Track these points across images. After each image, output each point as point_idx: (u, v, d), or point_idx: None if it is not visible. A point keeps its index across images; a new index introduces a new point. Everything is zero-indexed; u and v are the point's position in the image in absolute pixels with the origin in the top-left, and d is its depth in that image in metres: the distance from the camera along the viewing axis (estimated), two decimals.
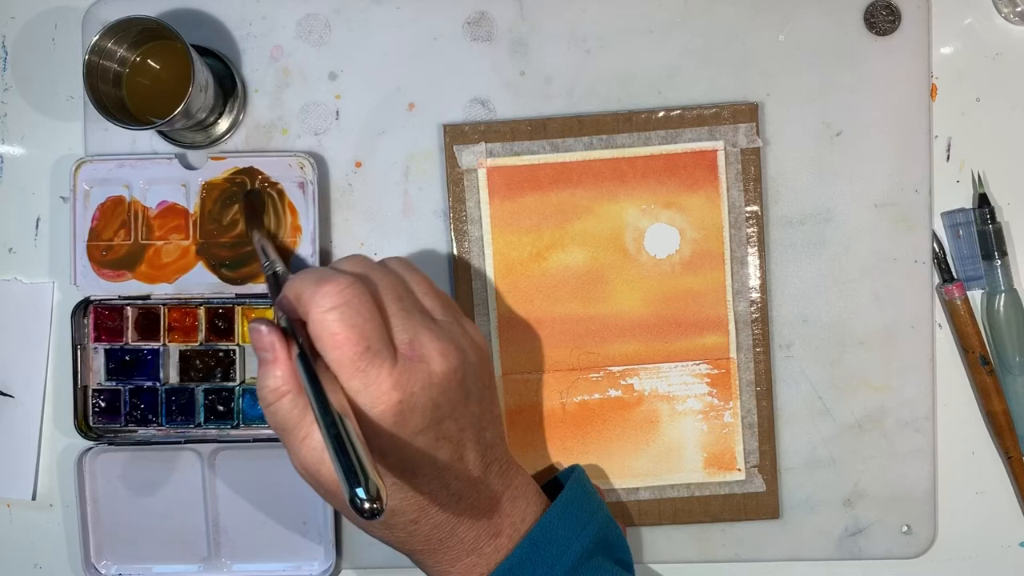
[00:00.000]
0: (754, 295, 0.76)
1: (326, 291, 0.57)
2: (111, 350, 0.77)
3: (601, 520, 0.67)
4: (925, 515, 0.77)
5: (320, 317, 0.56)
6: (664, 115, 0.75)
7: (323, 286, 0.57)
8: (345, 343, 0.56)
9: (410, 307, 0.61)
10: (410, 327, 0.59)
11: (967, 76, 0.78)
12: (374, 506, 0.49)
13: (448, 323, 0.62)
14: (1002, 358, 0.77)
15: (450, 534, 0.61)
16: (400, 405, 0.56)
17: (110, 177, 0.76)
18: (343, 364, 0.56)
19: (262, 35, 0.78)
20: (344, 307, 0.56)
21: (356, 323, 0.56)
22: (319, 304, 0.57)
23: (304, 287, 0.58)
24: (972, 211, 0.77)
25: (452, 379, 0.59)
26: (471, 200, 0.76)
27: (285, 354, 0.58)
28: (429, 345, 0.59)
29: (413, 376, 0.57)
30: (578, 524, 0.65)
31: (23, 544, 0.80)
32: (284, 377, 0.58)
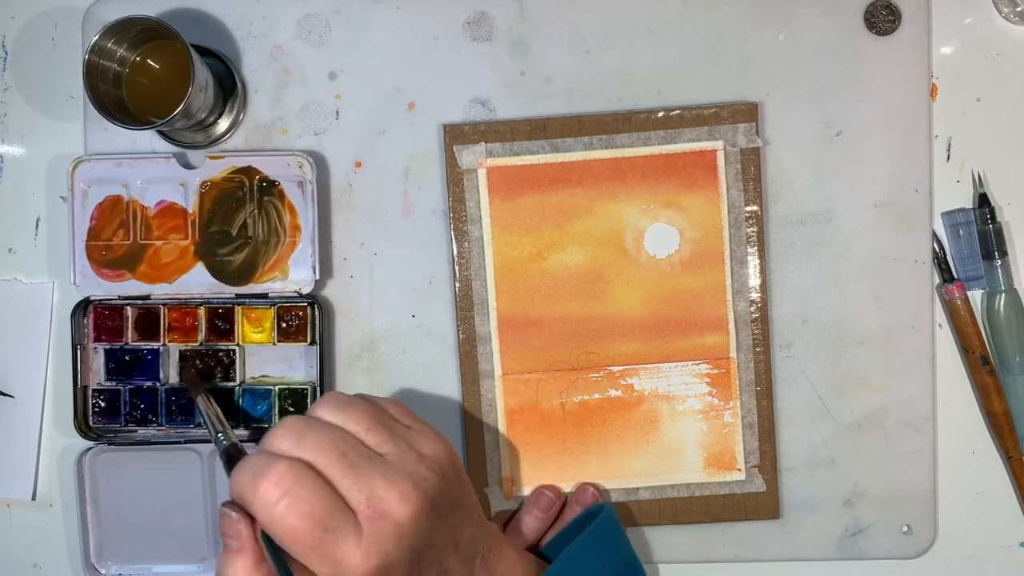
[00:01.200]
0: (754, 295, 0.76)
1: (264, 488, 0.54)
2: (111, 350, 0.77)
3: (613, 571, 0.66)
4: (925, 515, 0.77)
5: (268, 517, 0.54)
6: (664, 115, 0.75)
7: (260, 484, 0.54)
8: (301, 534, 0.53)
9: (356, 460, 0.57)
10: (361, 484, 0.56)
11: (967, 76, 0.78)
12: None
13: (399, 454, 0.59)
14: (1002, 358, 0.77)
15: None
16: (379, 570, 0.54)
17: (108, 176, 0.76)
18: (306, 554, 0.54)
19: (262, 35, 0.78)
20: (288, 497, 0.53)
21: (305, 510, 0.53)
22: (263, 503, 0.54)
23: (243, 488, 0.55)
24: (972, 211, 0.77)
25: (420, 517, 0.56)
26: (471, 200, 0.76)
27: (252, 543, 0.56)
28: (387, 495, 0.56)
29: (381, 536, 0.55)
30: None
31: (23, 544, 0.80)
32: (248, 568, 0.56)
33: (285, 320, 0.76)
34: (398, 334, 0.77)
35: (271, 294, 0.76)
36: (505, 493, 0.76)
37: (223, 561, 0.57)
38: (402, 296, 0.77)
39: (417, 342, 0.77)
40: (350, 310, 0.78)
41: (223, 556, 0.57)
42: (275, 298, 0.76)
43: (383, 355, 0.78)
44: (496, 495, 0.76)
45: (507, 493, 0.76)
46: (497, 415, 0.76)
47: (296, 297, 0.76)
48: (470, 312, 0.76)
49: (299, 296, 0.75)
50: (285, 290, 0.75)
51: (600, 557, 0.67)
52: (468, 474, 0.76)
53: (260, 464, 0.55)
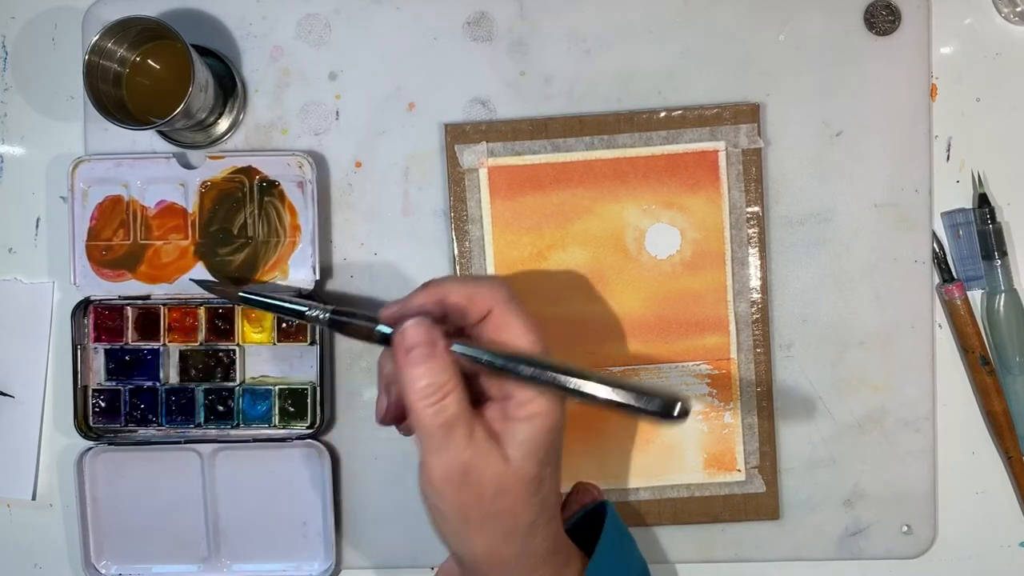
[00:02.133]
0: (755, 296, 0.76)
1: (501, 284, 0.60)
2: (111, 350, 0.77)
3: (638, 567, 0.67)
4: (925, 515, 0.77)
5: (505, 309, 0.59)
6: (665, 115, 0.75)
7: (493, 281, 0.60)
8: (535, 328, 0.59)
9: None
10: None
11: (967, 76, 0.78)
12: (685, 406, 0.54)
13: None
14: (1002, 358, 0.77)
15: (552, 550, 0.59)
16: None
17: (108, 176, 0.76)
18: (535, 344, 0.58)
19: (262, 35, 0.77)
20: (517, 299, 0.60)
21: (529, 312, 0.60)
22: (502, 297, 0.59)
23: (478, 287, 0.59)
24: (972, 211, 0.77)
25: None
26: (472, 199, 0.76)
27: (444, 348, 0.56)
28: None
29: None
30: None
31: (23, 544, 0.80)
32: (450, 372, 0.55)
33: (285, 320, 0.76)
34: None
35: None
36: None
37: (413, 376, 0.55)
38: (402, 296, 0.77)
39: None
40: None
41: (410, 371, 0.56)
42: None
43: None
44: None
45: None
46: None
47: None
48: None
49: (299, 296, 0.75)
50: None
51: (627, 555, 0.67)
52: None
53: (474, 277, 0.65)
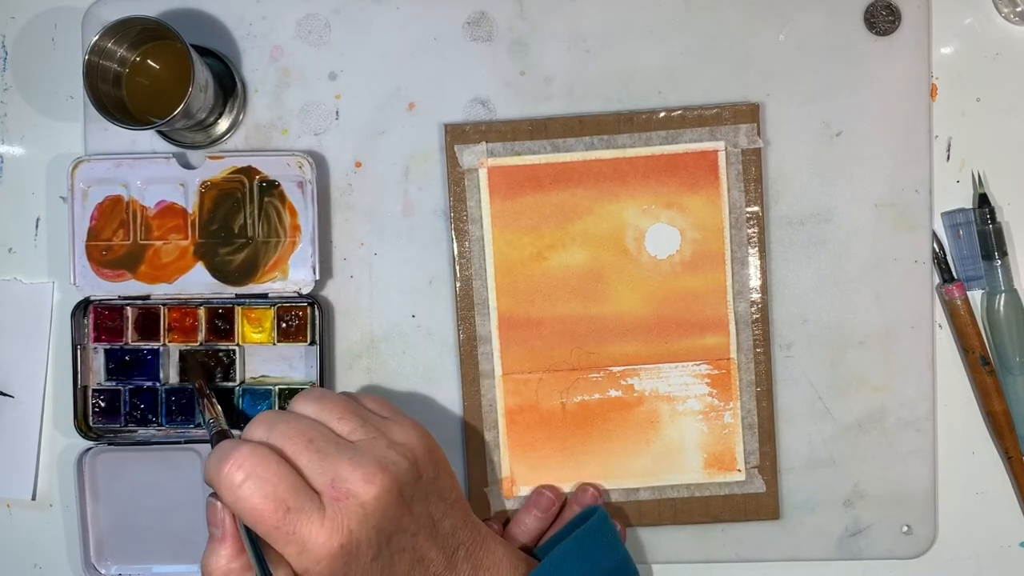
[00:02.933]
0: (754, 296, 0.76)
1: (228, 470, 0.56)
2: (111, 350, 0.77)
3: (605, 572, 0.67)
4: (925, 515, 0.77)
5: (233, 498, 0.56)
6: (665, 115, 0.75)
7: (224, 466, 0.56)
8: (264, 514, 0.55)
9: (323, 445, 0.59)
10: (327, 467, 0.57)
11: (967, 76, 0.78)
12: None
13: (369, 440, 0.60)
14: (1002, 358, 0.77)
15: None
16: (343, 548, 0.56)
17: (108, 176, 0.76)
18: (271, 534, 0.55)
19: (262, 35, 0.77)
20: (251, 479, 0.56)
21: (267, 491, 0.55)
22: (228, 485, 0.56)
23: (210, 472, 0.57)
24: (972, 211, 0.77)
25: (386, 499, 0.58)
26: (472, 199, 0.76)
27: (233, 531, 0.58)
28: (351, 477, 0.57)
29: (345, 515, 0.56)
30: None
31: (23, 544, 0.80)
32: (229, 557, 0.58)
33: (285, 320, 0.76)
34: (398, 334, 0.77)
35: (271, 294, 0.76)
36: (505, 493, 0.76)
37: (207, 550, 0.59)
38: (402, 296, 0.77)
39: (417, 342, 0.77)
40: (350, 310, 0.78)
41: (208, 545, 0.59)
42: (275, 298, 0.76)
43: (383, 355, 0.78)
44: (496, 495, 0.76)
45: (507, 493, 0.76)
46: (497, 415, 0.76)
47: (296, 297, 0.76)
48: (470, 312, 0.76)
49: (299, 296, 0.75)
50: (285, 290, 0.75)
51: (590, 558, 0.67)
52: (468, 474, 0.76)
53: (227, 448, 0.57)
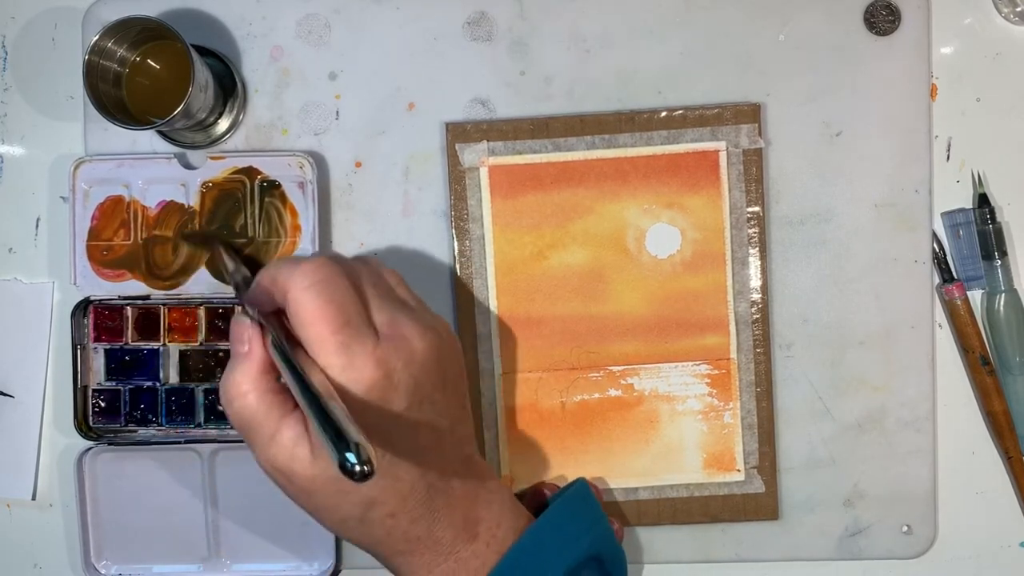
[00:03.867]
0: (755, 296, 0.76)
1: (303, 270, 0.56)
2: (111, 350, 0.77)
3: (597, 535, 0.67)
4: (925, 515, 0.77)
5: (298, 295, 0.56)
6: (666, 115, 0.75)
7: (299, 265, 0.57)
8: (326, 318, 0.55)
9: (386, 291, 0.61)
10: (387, 308, 0.59)
11: (967, 76, 0.78)
12: (364, 468, 0.48)
13: (422, 309, 0.63)
14: (1002, 358, 0.77)
15: (428, 532, 0.60)
16: (384, 381, 0.56)
17: (109, 177, 0.76)
18: (324, 340, 0.55)
19: (262, 35, 0.77)
20: (323, 283, 0.56)
21: (334, 298, 0.56)
22: (297, 283, 0.56)
23: (280, 269, 0.57)
24: (972, 211, 0.77)
25: (431, 359, 0.59)
26: (472, 199, 0.76)
27: (260, 348, 0.58)
28: (408, 325, 0.58)
29: (395, 353, 0.57)
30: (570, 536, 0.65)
31: (23, 544, 0.80)
32: (254, 374, 0.57)
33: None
34: None
35: None
36: None
37: (229, 368, 0.58)
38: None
39: None
40: None
41: (230, 363, 0.59)
42: None
43: None
44: None
45: None
46: (497, 414, 0.76)
47: None
48: (470, 311, 0.76)
49: None
50: None
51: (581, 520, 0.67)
52: None
53: (299, 257, 0.58)
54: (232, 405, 0.58)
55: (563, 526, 0.65)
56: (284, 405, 0.58)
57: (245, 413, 0.57)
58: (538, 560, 0.63)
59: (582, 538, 0.65)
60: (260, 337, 0.58)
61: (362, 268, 0.61)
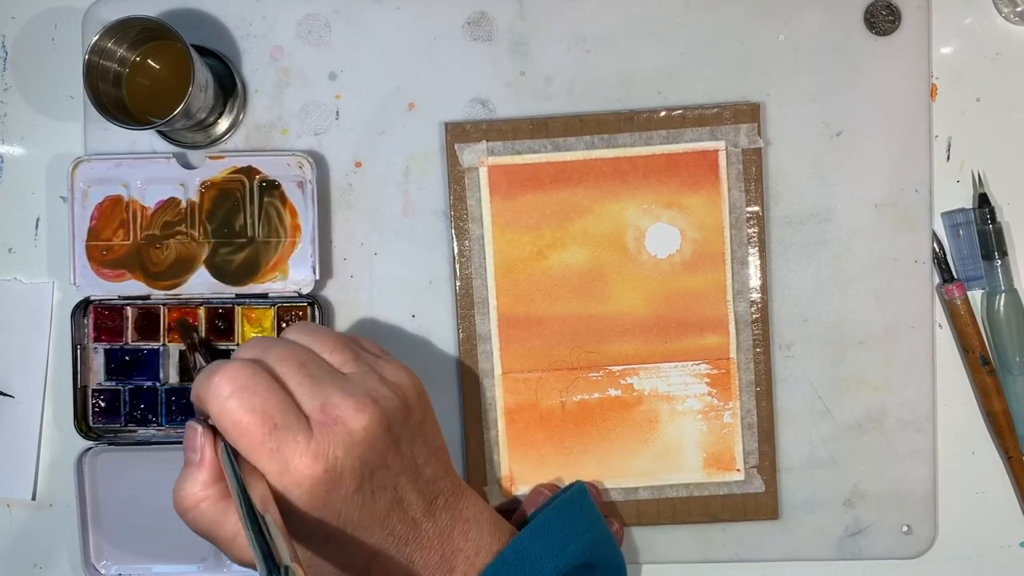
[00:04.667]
0: (754, 295, 0.76)
1: (217, 383, 0.55)
2: (111, 350, 0.77)
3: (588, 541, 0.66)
4: (925, 515, 0.77)
5: (219, 409, 0.55)
6: (666, 115, 0.75)
7: (214, 377, 0.55)
8: (250, 428, 0.54)
9: (315, 371, 0.58)
10: (318, 392, 0.57)
11: (967, 76, 0.78)
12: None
13: (361, 374, 0.60)
14: (1002, 358, 0.77)
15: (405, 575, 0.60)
16: (327, 474, 0.54)
17: (108, 176, 0.76)
18: (255, 450, 0.54)
19: (262, 35, 0.78)
20: (241, 391, 0.55)
21: (255, 405, 0.54)
22: (214, 397, 0.55)
23: (199, 384, 0.56)
24: (972, 211, 0.77)
25: (375, 430, 0.57)
26: (472, 198, 0.76)
27: (212, 456, 0.57)
28: (342, 404, 0.56)
29: (332, 440, 0.55)
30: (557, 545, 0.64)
31: (23, 544, 0.80)
32: (205, 483, 0.56)
33: (285, 320, 0.76)
34: (398, 334, 0.77)
35: (271, 294, 0.76)
36: (504, 492, 0.76)
37: (182, 476, 0.58)
38: (402, 296, 0.77)
39: (417, 342, 0.77)
40: (350, 310, 0.78)
41: (183, 471, 0.58)
42: (275, 298, 0.76)
43: None
44: (495, 494, 0.76)
45: (506, 492, 0.76)
46: (497, 414, 0.76)
47: (296, 297, 0.76)
48: (470, 311, 0.76)
49: (299, 296, 0.75)
50: (285, 290, 0.75)
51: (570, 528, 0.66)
52: (467, 473, 0.76)
53: (217, 364, 0.56)
54: (188, 515, 0.57)
55: (550, 535, 0.65)
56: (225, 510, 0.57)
57: (202, 522, 0.57)
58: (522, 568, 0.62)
59: (570, 546, 0.65)
60: (212, 444, 0.57)
61: (287, 350, 0.59)
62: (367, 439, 0.56)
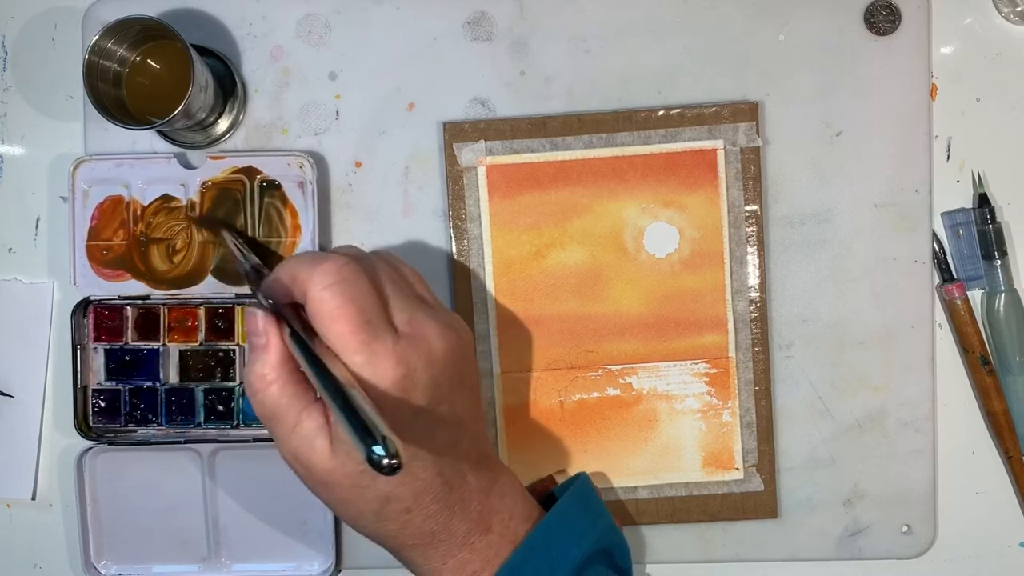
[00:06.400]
0: (753, 294, 0.76)
1: (324, 269, 0.56)
2: (111, 350, 0.77)
3: (603, 528, 0.67)
4: (925, 515, 0.77)
5: (319, 294, 0.56)
6: (664, 114, 0.75)
7: (320, 264, 0.57)
8: (346, 316, 0.56)
9: (405, 289, 0.61)
10: (407, 306, 0.59)
11: (967, 76, 0.78)
12: (393, 462, 0.48)
13: (440, 307, 0.63)
14: (1002, 358, 0.77)
15: (443, 526, 0.61)
16: (403, 380, 0.56)
17: (108, 177, 0.76)
18: (345, 338, 0.56)
19: (262, 35, 0.78)
20: (343, 283, 0.56)
21: (355, 298, 0.56)
22: (317, 281, 0.56)
23: (300, 267, 0.58)
24: (972, 211, 0.77)
25: (450, 358, 0.59)
26: (470, 198, 0.76)
27: (278, 340, 0.58)
28: (427, 324, 0.59)
29: (415, 352, 0.57)
30: (579, 531, 0.65)
31: (23, 544, 0.80)
32: (275, 364, 0.58)
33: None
34: None
35: None
36: None
37: (250, 360, 0.59)
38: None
39: None
40: None
41: (250, 355, 0.59)
42: None
43: None
44: None
45: None
46: (496, 413, 0.76)
47: None
48: (469, 310, 0.76)
49: None
50: None
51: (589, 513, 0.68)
52: None
53: (320, 254, 0.58)
54: (256, 396, 0.58)
55: (573, 519, 0.66)
56: (306, 395, 0.58)
57: (268, 403, 0.58)
58: (549, 553, 0.63)
59: (590, 531, 0.66)
60: (276, 328, 0.58)
61: (382, 265, 0.61)
62: (444, 361, 0.58)
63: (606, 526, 0.68)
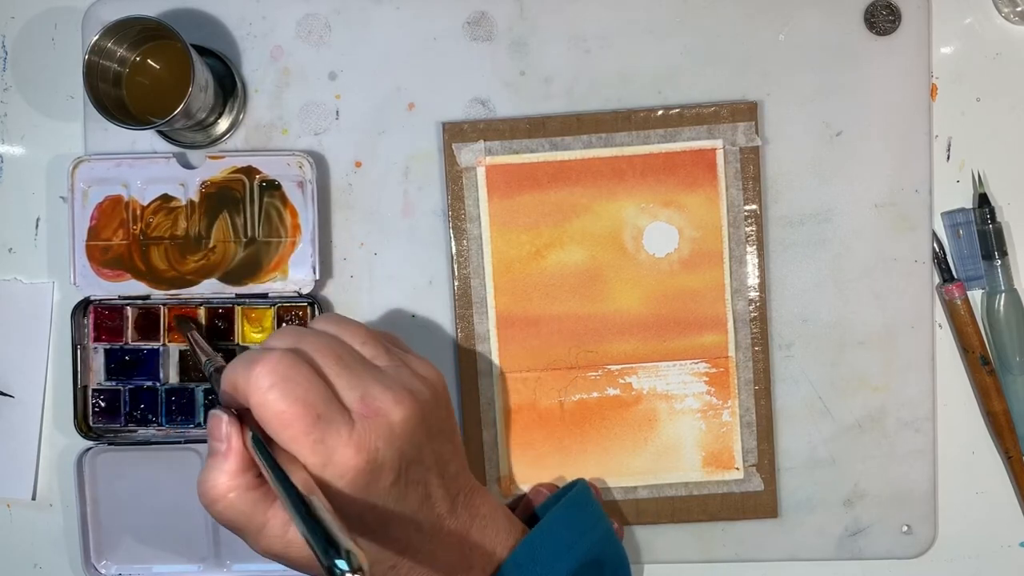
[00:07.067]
0: (752, 294, 0.76)
1: (259, 372, 0.54)
2: (111, 350, 0.77)
3: (594, 539, 0.67)
4: (925, 515, 0.77)
5: (261, 400, 0.53)
6: (663, 114, 0.75)
7: (254, 367, 0.54)
8: (293, 419, 0.53)
9: (351, 363, 0.57)
10: (356, 383, 0.56)
11: (967, 76, 0.78)
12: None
13: (394, 367, 0.59)
14: (1002, 358, 0.76)
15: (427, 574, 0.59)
16: (368, 465, 0.54)
17: (108, 176, 0.76)
18: (298, 441, 0.53)
19: (262, 35, 0.78)
20: (282, 383, 0.53)
21: (298, 395, 0.53)
22: (256, 387, 0.54)
23: (237, 373, 0.55)
24: (972, 211, 0.77)
25: (412, 423, 0.56)
26: (470, 198, 0.76)
27: (239, 446, 0.55)
28: (381, 396, 0.56)
29: (373, 432, 0.55)
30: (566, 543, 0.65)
31: (23, 544, 0.80)
32: (233, 473, 0.55)
33: (285, 320, 0.76)
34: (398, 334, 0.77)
35: (271, 294, 0.76)
36: (503, 491, 0.76)
37: (207, 467, 0.56)
38: (402, 296, 0.77)
39: (417, 342, 0.77)
40: (350, 310, 0.78)
41: (208, 461, 0.56)
42: (275, 298, 0.76)
43: None
44: (494, 493, 0.76)
45: (505, 491, 0.76)
46: (496, 413, 0.76)
47: (296, 297, 0.76)
48: (469, 311, 0.76)
49: (299, 296, 0.76)
50: (285, 290, 0.75)
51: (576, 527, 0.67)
52: None
53: (256, 353, 0.55)
54: (215, 507, 0.56)
55: (558, 534, 0.65)
56: (267, 498, 0.56)
57: (229, 514, 0.55)
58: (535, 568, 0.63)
59: (578, 544, 0.65)
60: (239, 433, 0.55)
61: (323, 342, 0.58)
62: (406, 431, 0.56)
63: (598, 537, 0.67)
